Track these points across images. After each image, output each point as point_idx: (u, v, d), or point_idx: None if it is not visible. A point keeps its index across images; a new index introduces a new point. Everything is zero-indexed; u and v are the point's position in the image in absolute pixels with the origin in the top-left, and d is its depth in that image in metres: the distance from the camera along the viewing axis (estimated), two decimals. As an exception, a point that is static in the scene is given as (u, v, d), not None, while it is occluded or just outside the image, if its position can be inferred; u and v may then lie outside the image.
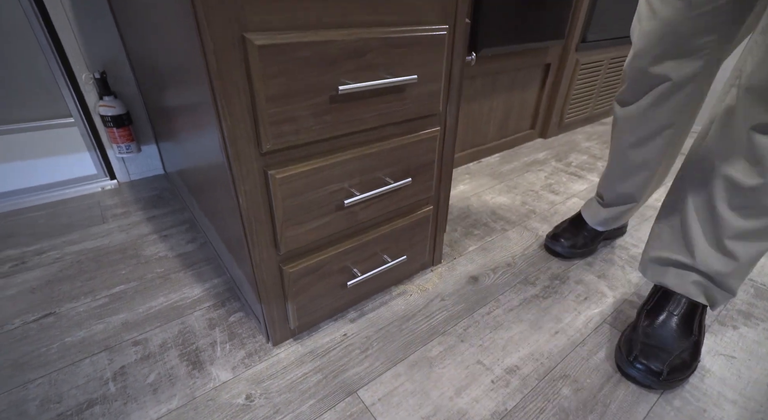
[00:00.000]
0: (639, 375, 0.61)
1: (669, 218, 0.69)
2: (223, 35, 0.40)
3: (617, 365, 0.64)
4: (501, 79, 1.33)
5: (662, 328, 0.66)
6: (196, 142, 0.64)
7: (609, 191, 0.86)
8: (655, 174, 0.79)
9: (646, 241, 0.86)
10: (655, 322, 0.66)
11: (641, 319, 0.68)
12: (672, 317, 0.66)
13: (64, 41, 0.96)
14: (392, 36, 0.51)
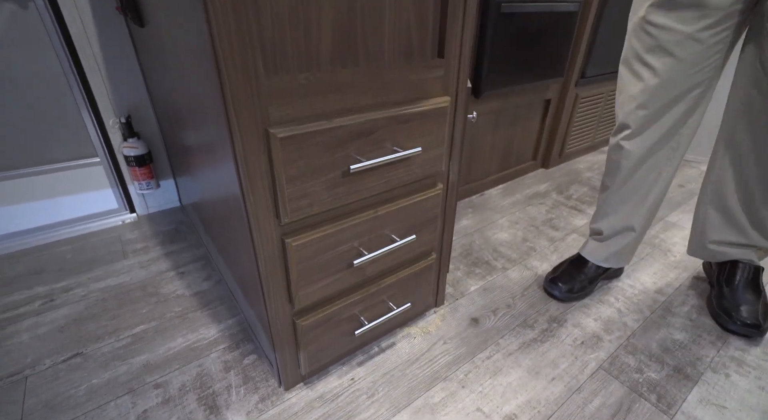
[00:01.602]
0: (743, 330, 0.84)
1: (713, 205, 0.90)
2: (249, 129, 0.45)
3: (720, 325, 0.87)
4: (503, 116, 1.39)
5: (742, 290, 0.89)
6: (216, 200, 0.69)
7: (606, 224, 0.92)
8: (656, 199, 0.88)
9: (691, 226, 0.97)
10: (735, 287, 0.89)
11: (723, 287, 0.91)
12: (745, 281, 0.90)
13: (95, 89, 1.03)
14: (398, 114, 0.57)
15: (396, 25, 0.53)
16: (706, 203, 0.92)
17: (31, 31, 0.93)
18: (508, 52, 1.17)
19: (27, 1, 0.91)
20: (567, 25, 1.29)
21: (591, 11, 1.37)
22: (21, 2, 0.90)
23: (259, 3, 0.41)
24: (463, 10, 0.59)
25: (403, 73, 0.56)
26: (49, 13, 0.93)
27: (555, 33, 1.27)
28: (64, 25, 0.95)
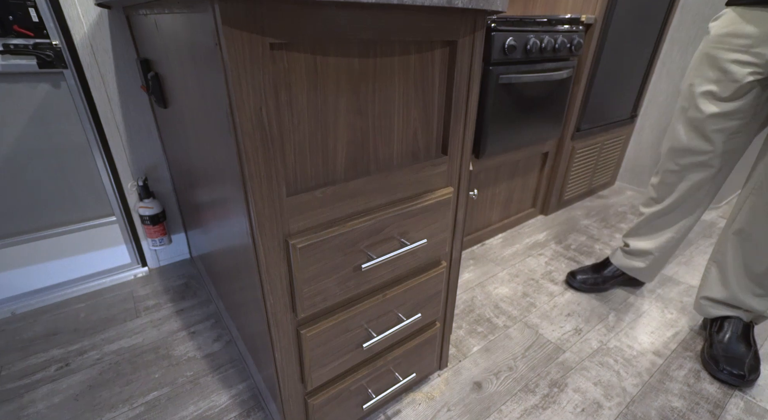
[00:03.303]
0: (729, 379, 0.90)
1: (713, 267, 1.01)
2: (272, 242, 0.50)
3: (710, 374, 0.94)
4: (502, 171, 1.45)
5: (731, 342, 0.96)
6: (231, 276, 0.73)
7: (635, 241, 1.16)
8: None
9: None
10: (725, 337, 0.97)
11: (714, 338, 0.98)
12: (735, 335, 0.97)
13: (115, 154, 1.10)
14: (406, 211, 0.62)
15: (404, 136, 0.59)
16: (717, 258, 1.01)
17: (61, 106, 1.00)
18: (507, 116, 1.24)
19: (60, 81, 0.98)
20: (561, 89, 1.37)
21: (584, 74, 1.46)
22: (54, 82, 0.98)
23: (284, 139, 0.47)
24: (465, 113, 0.65)
25: (410, 174, 0.62)
26: (79, 90, 1.01)
27: (550, 97, 1.35)
28: (91, 98, 1.03)
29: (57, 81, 0.98)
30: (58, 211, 1.08)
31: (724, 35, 0.83)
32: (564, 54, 1.30)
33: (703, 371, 0.95)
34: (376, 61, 0.50)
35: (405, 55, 0.53)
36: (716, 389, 0.91)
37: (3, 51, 0.88)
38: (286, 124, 0.46)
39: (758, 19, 0.77)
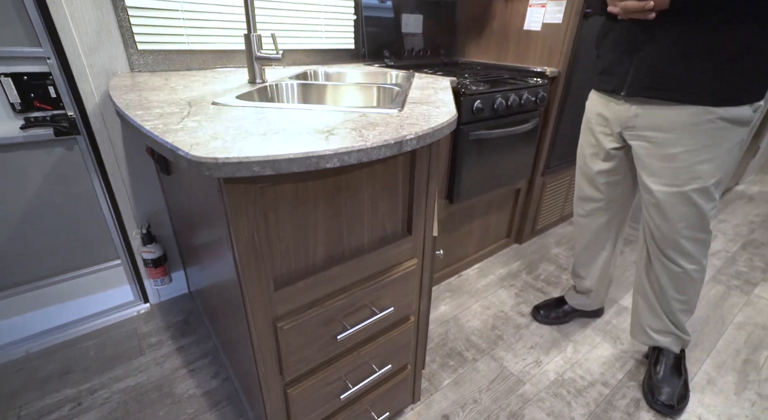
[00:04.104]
0: (662, 409, 1.04)
1: (639, 296, 1.13)
2: (262, 325, 0.62)
3: (647, 404, 1.07)
4: (477, 209, 1.58)
5: (665, 374, 1.09)
6: (226, 330, 0.85)
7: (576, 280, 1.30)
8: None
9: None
10: (660, 370, 1.10)
11: (652, 369, 1.12)
12: (667, 366, 1.10)
13: (121, 206, 1.21)
14: (376, 285, 0.74)
15: (373, 226, 0.71)
16: (636, 291, 1.15)
17: (73, 165, 1.11)
18: (478, 165, 1.37)
19: (73, 145, 1.09)
20: (530, 136, 1.51)
21: (551, 119, 1.59)
22: (68, 146, 1.09)
23: (273, 249, 0.59)
24: (425, 200, 0.78)
25: (380, 254, 0.74)
26: (89, 152, 1.11)
27: (519, 145, 1.48)
28: (101, 158, 1.13)
29: (71, 145, 1.09)
30: (69, 257, 1.19)
31: (591, 112, 1.06)
32: (530, 107, 1.44)
33: (642, 400, 1.09)
34: (348, 176, 0.63)
35: (372, 167, 0.65)
36: (651, 417, 1.04)
37: (25, 125, 0.99)
38: (274, 239, 0.58)
39: (607, 102, 0.98)
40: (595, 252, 1.23)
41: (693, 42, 0.78)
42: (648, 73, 0.85)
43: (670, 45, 0.81)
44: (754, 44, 0.75)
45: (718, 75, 0.78)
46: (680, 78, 0.81)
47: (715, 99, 0.80)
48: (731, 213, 2.25)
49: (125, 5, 1.02)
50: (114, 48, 1.05)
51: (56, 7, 0.94)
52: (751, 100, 0.80)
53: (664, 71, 0.83)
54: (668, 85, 0.83)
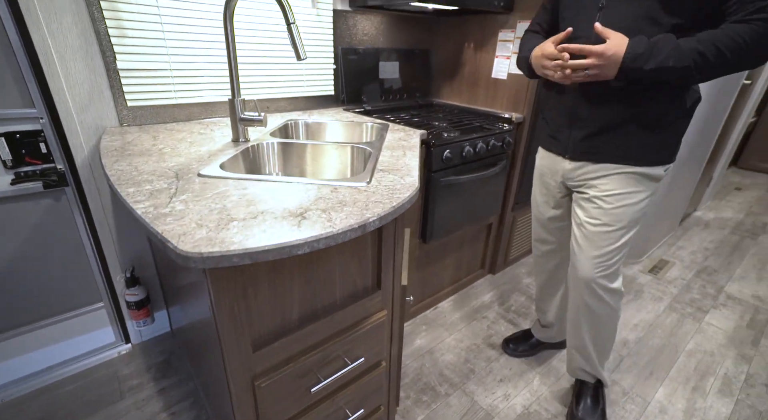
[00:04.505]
0: None
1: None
2: (241, 384, 0.68)
3: None
4: (450, 245, 1.67)
5: (585, 404, 1.19)
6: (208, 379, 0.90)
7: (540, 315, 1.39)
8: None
9: None
10: (581, 401, 1.20)
11: (574, 400, 1.21)
12: (587, 396, 1.20)
13: (106, 251, 1.25)
14: (348, 338, 0.81)
15: (345, 286, 0.79)
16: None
17: (61, 215, 1.15)
18: (450, 207, 1.47)
19: (61, 195, 1.14)
20: (498, 178, 1.62)
21: (518, 160, 1.71)
22: (56, 196, 1.13)
23: (252, 317, 0.66)
24: (393, 257, 0.86)
25: (351, 309, 0.81)
26: (77, 201, 1.16)
27: (488, 186, 1.59)
28: (88, 207, 1.18)
29: (59, 196, 1.14)
30: (52, 303, 1.22)
31: (541, 165, 1.18)
32: (497, 151, 1.56)
33: (601, 432, 1.17)
34: (320, 251, 0.70)
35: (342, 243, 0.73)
36: (608, 449, 1.13)
37: (15, 180, 1.04)
38: (253, 307, 0.65)
39: (554, 158, 1.10)
40: (553, 288, 1.33)
41: (620, 117, 0.92)
42: (585, 143, 0.99)
43: (602, 119, 0.94)
44: (668, 118, 0.90)
45: (641, 143, 0.93)
46: (610, 146, 0.96)
47: (637, 161, 0.95)
48: (688, 240, 2.41)
49: (117, 68, 1.10)
50: (105, 106, 1.12)
51: (52, 73, 1.01)
52: (664, 162, 0.96)
53: (597, 141, 0.97)
54: (601, 151, 0.97)
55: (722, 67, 0.77)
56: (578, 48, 0.84)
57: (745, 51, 0.74)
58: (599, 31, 0.83)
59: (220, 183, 0.75)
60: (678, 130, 0.94)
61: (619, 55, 0.80)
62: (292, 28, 0.88)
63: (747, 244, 2.37)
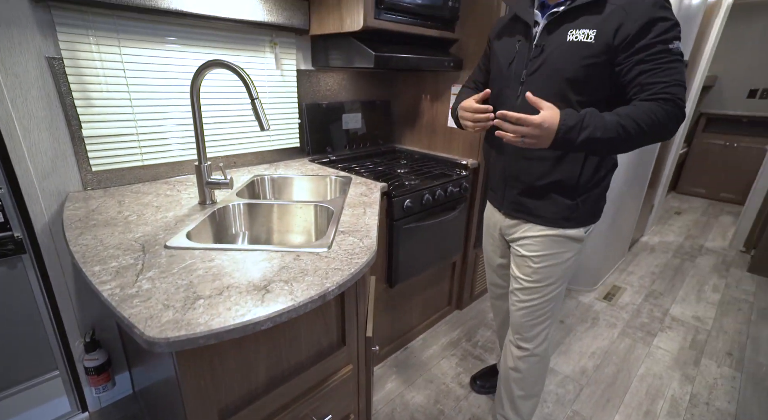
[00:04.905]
0: None
1: None
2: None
3: None
4: (417, 285, 1.74)
5: None
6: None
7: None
8: None
9: None
10: None
11: None
12: None
13: (65, 318, 1.22)
14: (316, 396, 0.84)
15: (310, 346, 0.83)
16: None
17: (16, 282, 1.13)
18: (413, 251, 1.54)
19: (17, 262, 1.12)
20: (459, 220, 1.73)
21: (477, 201, 1.83)
22: (12, 263, 1.11)
23: (219, 387, 0.68)
24: (356, 315, 0.91)
25: (317, 367, 0.85)
26: (34, 268, 1.14)
27: (450, 228, 1.69)
28: (45, 272, 1.16)
29: (14, 263, 1.11)
30: (4, 374, 1.16)
31: (487, 216, 1.27)
32: (456, 196, 1.67)
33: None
34: (285, 314, 0.74)
35: (306, 303, 0.78)
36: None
37: (-33, 252, 1.02)
38: (220, 377, 0.68)
39: (489, 207, 1.23)
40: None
41: (545, 181, 1.00)
42: (516, 200, 1.08)
43: (528, 182, 1.03)
44: (587, 185, 0.99)
45: (562, 207, 1.01)
46: (535, 206, 1.05)
47: (560, 224, 1.03)
48: (637, 265, 2.61)
49: (82, 136, 1.12)
50: (68, 171, 1.13)
51: (14, 144, 1.02)
52: (585, 224, 1.05)
53: (525, 201, 1.06)
54: (529, 211, 1.07)
55: (641, 140, 0.85)
56: (516, 117, 0.86)
57: (659, 125, 0.83)
58: (532, 101, 0.85)
59: (187, 255, 0.79)
60: (596, 197, 1.02)
61: (554, 127, 0.84)
62: (255, 103, 0.96)
63: (687, 267, 2.59)
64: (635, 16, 0.83)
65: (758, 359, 1.71)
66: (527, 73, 0.97)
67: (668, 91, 0.82)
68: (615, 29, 0.84)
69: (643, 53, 0.83)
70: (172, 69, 1.24)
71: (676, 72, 0.83)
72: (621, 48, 0.85)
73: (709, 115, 3.99)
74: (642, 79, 0.84)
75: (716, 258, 2.74)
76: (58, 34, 1.03)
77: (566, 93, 0.92)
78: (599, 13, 0.87)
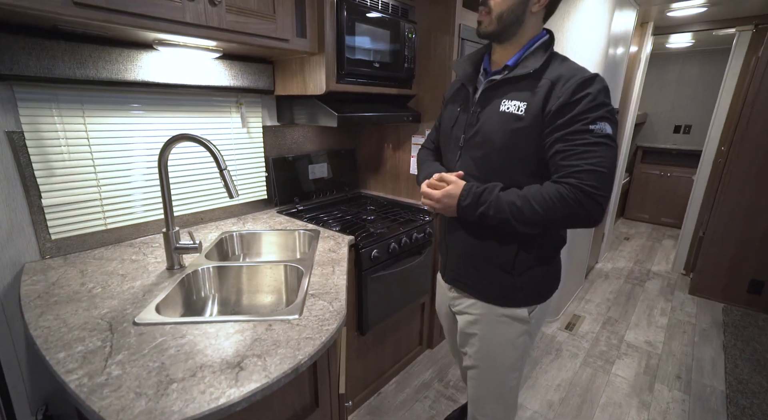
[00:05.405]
0: None
1: None
2: None
3: None
4: (388, 329, 1.76)
5: None
6: None
7: None
8: None
9: None
10: None
11: None
12: None
13: (13, 394, 1.14)
14: (289, 467, 0.84)
15: (283, 410, 0.84)
16: None
17: (-40, 362, 1.05)
18: (382, 299, 1.59)
19: (-37, 342, 1.05)
20: (425, 263, 1.80)
21: (438, 244, 1.92)
22: (-43, 344, 1.04)
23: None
24: (328, 375, 0.93)
25: (290, 437, 0.85)
26: (-17, 345, 1.08)
27: (417, 271, 1.76)
28: (-4, 348, 1.10)
29: (-41, 342, 1.05)
30: (-62, 468, 1.05)
31: (438, 279, 1.21)
32: (421, 241, 1.75)
33: None
34: (257, 386, 0.76)
35: (278, 373, 0.80)
36: None
37: None
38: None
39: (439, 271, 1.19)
40: None
41: (478, 251, 0.97)
42: (454, 268, 1.05)
43: (464, 249, 1.00)
44: (523, 261, 0.93)
45: (500, 284, 0.95)
46: (473, 279, 1.00)
47: (498, 301, 0.97)
48: (593, 292, 2.78)
49: (42, 205, 1.11)
50: (25, 242, 1.10)
51: (-33, 220, 0.99)
52: (526, 304, 0.97)
53: (463, 270, 1.02)
54: (467, 282, 1.02)
55: (539, 222, 0.82)
56: (421, 191, 0.99)
57: (558, 210, 0.79)
58: (444, 177, 0.94)
59: (157, 332, 0.79)
60: (540, 275, 0.95)
61: (454, 201, 0.90)
62: (224, 173, 1.00)
63: (637, 292, 2.80)
64: (559, 92, 0.81)
65: (703, 381, 1.85)
66: (465, 139, 0.97)
67: (578, 176, 0.78)
68: (542, 104, 0.83)
69: (561, 132, 0.80)
70: (138, 134, 1.26)
71: (593, 155, 0.78)
72: (546, 123, 0.83)
73: (644, 148, 4.43)
74: (557, 160, 0.82)
75: (662, 282, 2.97)
76: (19, 109, 1.04)
77: (498, 160, 0.90)
78: (533, 87, 0.85)
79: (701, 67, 4.06)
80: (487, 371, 1.04)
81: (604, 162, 0.78)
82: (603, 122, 0.79)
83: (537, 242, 0.93)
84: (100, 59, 1.11)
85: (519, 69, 0.87)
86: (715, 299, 2.66)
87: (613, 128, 0.80)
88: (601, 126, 0.79)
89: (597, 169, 0.78)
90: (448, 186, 0.92)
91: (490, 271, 0.96)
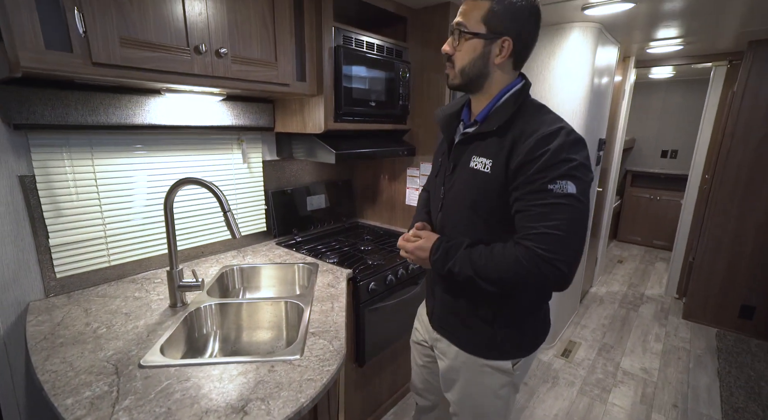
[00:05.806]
0: None
1: None
2: None
3: None
4: (385, 359, 1.77)
5: None
6: None
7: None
8: None
9: None
10: None
11: None
12: None
13: (11, 435, 1.13)
14: None
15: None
16: None
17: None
18: (380, 330, 1.61)
19: (-36, 383, 1.06)
20: (419, 294, 1.83)
21: (434, 273, 1.96)
22: (-43, 385, 1.05)
23: None
24: (328, 412, 0.95)
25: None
26: (-17, 385, 1.08)
27: (414, 302, 1.78)
28: (-5, 388, 1.10)
29: (-40, 383, 1.05)
30: None
31: (419, 318, 1.20)
32: (417, 271, 1.78)
33: None
34: None
35: (280, 414, 0.82)
36: None
37: None
38: None
39: (422, 306, 1.18)
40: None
41: (461, 302, 0.94)
42: (440, 316, 1.02)
43: (447, 300, 0.98)
44: (505, 314, 0.90)
45: (482, 334, 0.92)
46: (457, 328, 0.97)
47: (481, 353, 0.94)
48: (589, 317, 2.80)
49: (49, 245, 1.14)
50: (31, 281, 1.13)
51: (-24, 262, 1.02)
52: (509, 357, 0.93)
53: (448, 319, 1.00)
54: (451, 330, 0.99)
55: (499, 282, 0.79)
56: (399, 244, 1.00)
57: (510, 272, 0.76)
58: (416, 232, 0.98)
59: (163, 375, 0.81)
60: (523, 329, 0.92)
61: (425, 255, 0.91)
62: (228, 215, 1.05)
63: (632, 317, 2.82)
64: (520, 149, 0.77)
65: (699, 409, 1.86)
66: (445, 190, 0.96)
67: (533, 238, 0.73)
68: (506, 161, 0.80)
69: (520, 191, 0.77)
70: (143, 172, 1.31)
71: (550, 218, 0.72)
72: (508, 181, 0.80)
73: (633, 172, 4.55)
74: (517, 219, 0.78)
75: (656, 306, 3.00)
76: (32, 154, 1.08)
77: (471, 216, 0.89)
78: (498, 143, 0.82)
79: (683, 95, 4.24)
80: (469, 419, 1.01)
81: (562, 224, 0.72)
82: (564, 180, 0.73)
83: (519, 295, 0.88)
84: (111, 106, 1.17)
85: (485, 125, 0.86)
86: (708, 324, 2.69)
87: (579, 185, 0.74)
88: (561, 185, 0.73)
89: (552, 233, 0.72)
90: (420, 240, 0.94)
91: (472, 322, 0.93)
